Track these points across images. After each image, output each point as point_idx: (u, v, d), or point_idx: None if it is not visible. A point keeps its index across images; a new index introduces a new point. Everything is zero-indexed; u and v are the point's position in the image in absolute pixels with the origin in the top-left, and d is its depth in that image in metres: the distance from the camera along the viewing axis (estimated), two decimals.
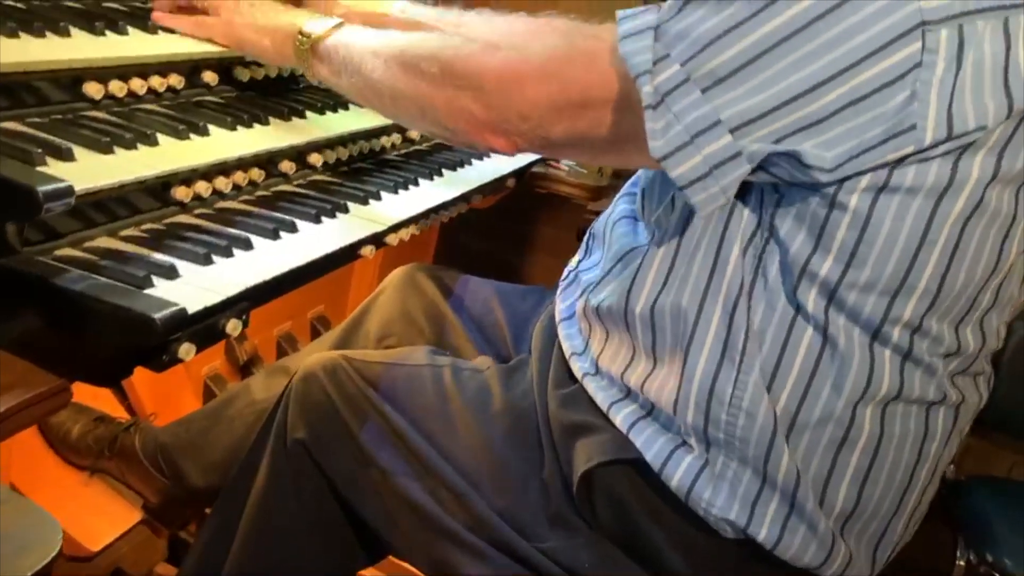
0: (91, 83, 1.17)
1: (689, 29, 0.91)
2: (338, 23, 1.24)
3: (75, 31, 1.19)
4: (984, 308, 1.03)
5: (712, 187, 0.94)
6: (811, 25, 0.87)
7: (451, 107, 1.07)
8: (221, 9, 1.32)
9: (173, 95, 1.32)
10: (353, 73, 1.18)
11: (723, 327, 1.03)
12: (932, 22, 0.86)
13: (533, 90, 1.01)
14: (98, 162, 1.06)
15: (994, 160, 0.93)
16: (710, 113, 0.91)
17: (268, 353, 2.12)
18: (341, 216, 1.32)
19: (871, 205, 0.94)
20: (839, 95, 0.88)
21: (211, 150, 1.21)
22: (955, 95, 0.88)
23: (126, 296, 0.94)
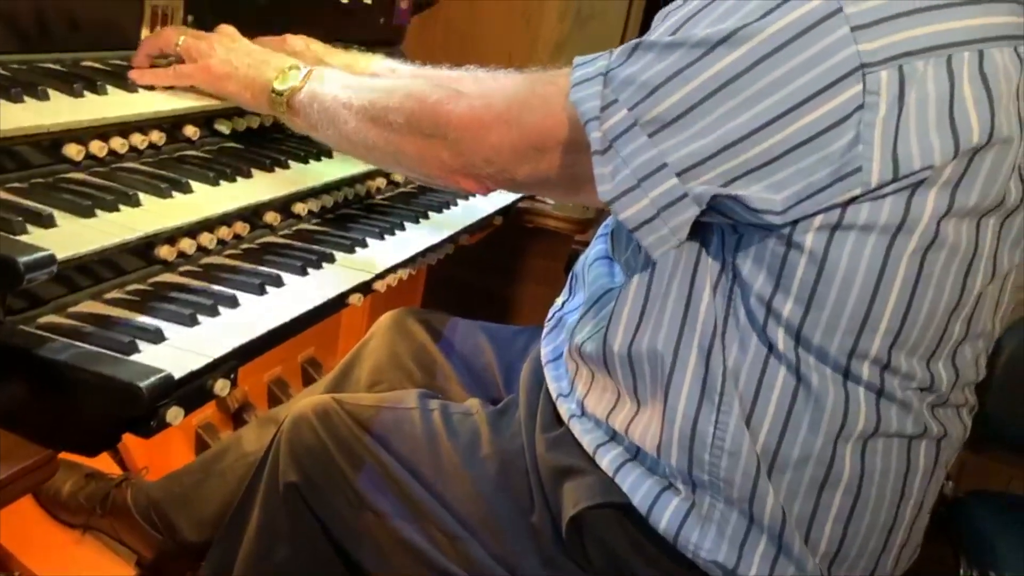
0: (71, 145, 1.17)
1: (636, 75, 0.93)
2: (308, 72, 1.26)
3: (54, 94, 1.18)
4: (955, 341, 1.02)
5: (661, 229, 0.95)
6: (751, 70, 0.89)
7: (422, 155, 1.12)
8: (198, 54, 1.33)
9: (155, 151, 1.31)
10: (328, 126, 1.22)
11: (700, 368, 1.03)
12: (872, 64, 0.87)
13: (495, 136, 1.06)
14: (80, 227, 1.05)
15: (948, 196, 0.93)
16: (656, 157, 0.92)
17: (259, 399, 2.11)
18: (327, 266, 1.31)
19: (827, 244, 0.94)
20: (783, 138, 0.89)
21: (194, 207, 1.20)
22: (899, 136, 0.89)
23: (111, 364, 0.93)
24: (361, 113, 1.17)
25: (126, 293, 1.12)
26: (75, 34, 1.33)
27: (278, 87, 1.26)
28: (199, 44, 1.33)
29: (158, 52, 1.36)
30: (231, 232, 1.27)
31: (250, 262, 1.26)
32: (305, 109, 1.24)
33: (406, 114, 1.12)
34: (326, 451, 1.27)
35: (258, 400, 2.10)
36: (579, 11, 2.12)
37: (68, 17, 1.29)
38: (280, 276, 1.22)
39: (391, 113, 1.14)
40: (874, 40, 0.87)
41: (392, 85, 1.19)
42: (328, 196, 1.48)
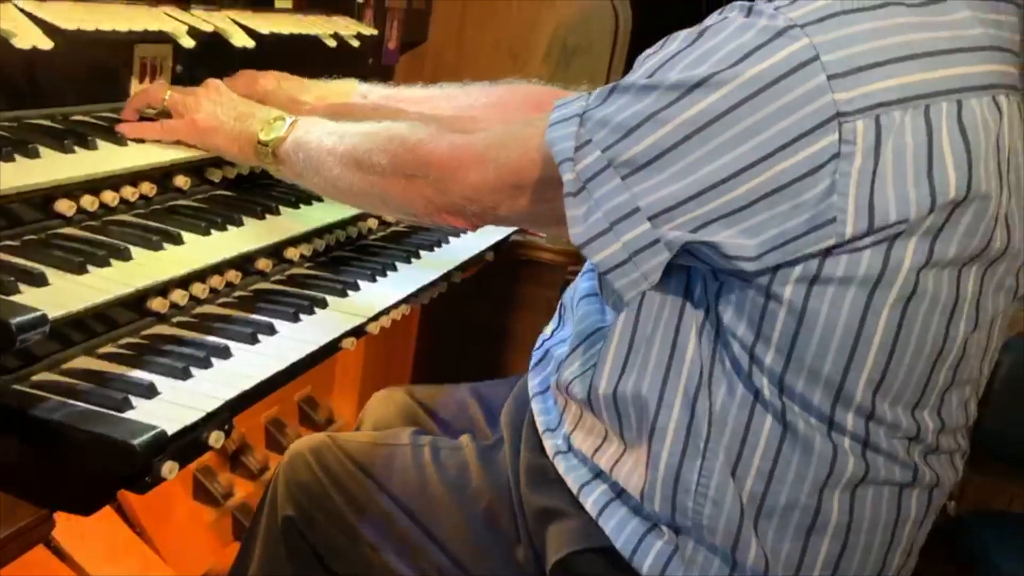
0: (62, 201, 1.18)
1: (611, 116, 0.94)
2: (292, 123, 1.28)
3: (44, 150, 1.20)
4: (941, 389, 1.02)
5: (633, 273, 0.95)
6: (727, 114, 0.89)
7: (407, 195, 1.14)
8: (183, 108, 1.35)
9: (146, 202, 1.33)
10: (313, 173, 1.24)
11: (685, 415, 1.03)
12: (848, 113, 0.87)
13: (474, 175, 1.08)
14: (72, 284, 1.06)
15: (927, 247, 0.92)
16: (629, 200, 0.93)
17: (257, 439, 2.11)
18: (320, 311, 1.32)
19: (806, 296, 0.94)
20: (756, 184, 0.89)
21: (186, 259, 1.21)
22: (875, 187, 0.88)
23: (105, 423, 0.93)
24: (345, 158, 1.19)
25: (119, 347, 1.12)
26: (65, 89, 1.35)
27: (264, 138, 1.28)
28: (186, 99, 1.35)
29: (146, 107, 1.38)
30: (223, 281, 1.28)
31: (243, 310, 1.27)
32: (291, 158, 1.26)
33: (389, 156, 1.15)
34: (321, 486, 1.30)
35: (256, 441, 2.10)
36: (565, 46, 2.15)
37: (58, 72, 1.31)
38: (272, 324, 1.23)
39: (375, 156, 1.16)
40: (851, 89, 0.87)
41: (374, 129, 1.20)
42: (320, 239, 1.49)
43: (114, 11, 1.31)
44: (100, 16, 1.27)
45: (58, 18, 1.19)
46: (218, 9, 1.52)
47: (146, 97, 1.37)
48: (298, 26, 1.67)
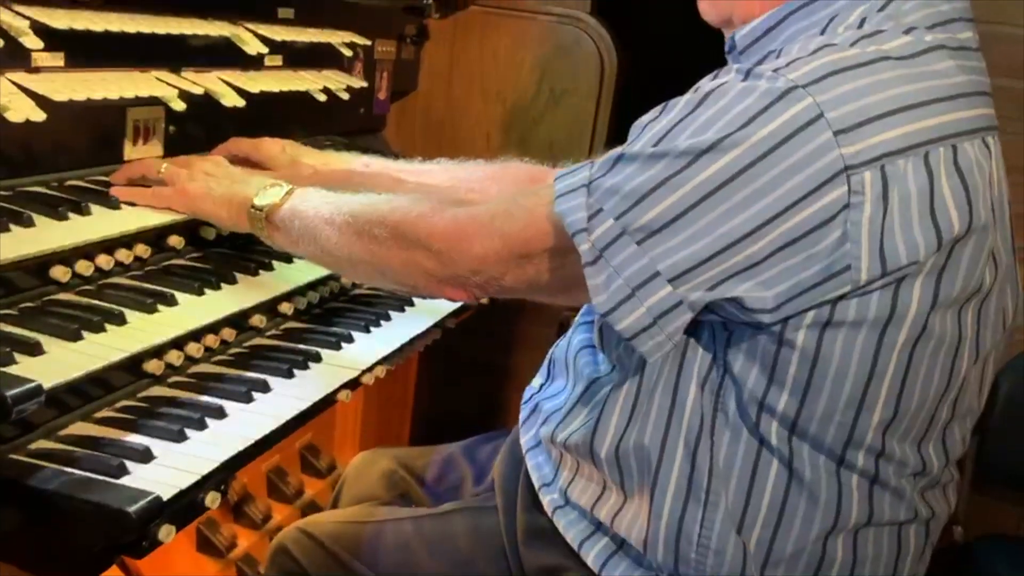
0: (57, 267, 1.20)
1: (620, 184, 0.96)
2: (289, 191, 1.28)
3: (38, 218, 1.22)
4: (943, 423, 1.05)
5: (658, 336, 0.97)
6: (738, 176, 0.91)
7: (407, 267, 1.13)
8: (176, 178, 1.36)
9: (141, 264, 1.34)
10: (310, 242, 1.23)
11: (687, 465, 1.04)
12: (854, 166, 0.90)
13: (479, 246, 1.07)
14: (67, 352, 1.07)
15: (932, 286, 0.95)
16: (648, 265, 0.94)
17: (259, 489, 2.11)
18: (314, 366, 1.34)
19: (818, 341, 0.96)
20: (772, 239, 0.92)
21: (180, 320, 1.23)
22: (885, 233, 0.92)
23: (101, 490, 0.95)
24: (344, 227, 1.18)
25: (115, 411, 1.14)
26: (60, 155, 1.37)
27: (258, 202, 1.27)
28: (180, 170, 1.37)
29: (139, 177, 1.39)
30: (218, 339, 1.30)
31: (237, 368, 1.29)
32: (286, 225, 1.25)
33: (390, 227, 1.13)
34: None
35: (258, 491, 2.10)
36: (552, 89, 2.18)
37: (52, 140, 1.33)
38: (267, 381, 1.24)
39: (375, 227, 1.15)
40: (856, 143, 0.90)
41: (374, 200, 1.20)
42: (313, 292, 1.51)
43: (105, 78, 1.33)
44: (92, 85, 1.29)
45: (50, 90, 1.21)
46: (209, 70, 1.55)
47: (141, 167, 1.39)
48: (288, 83, 1.70)
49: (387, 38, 2.10)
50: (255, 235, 1.32)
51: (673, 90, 1.04)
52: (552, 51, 2.16)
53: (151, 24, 1.38)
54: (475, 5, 2.21)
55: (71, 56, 1.28)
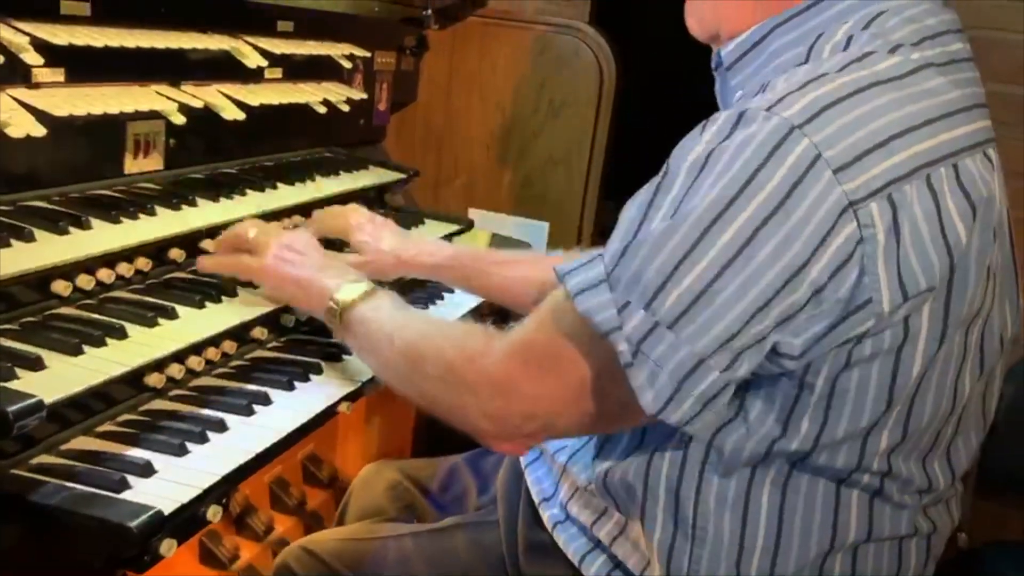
0: (59, 282, 1.20)
1: (640, 272, 0.93)
2: (366, 292, 1.26)
3: (40, 233, 1.22)
4: (948, 440, 1.04)
5: (708, 416, 0.95)
6: (753, 240, 0.89)
7: (455, 412, 1.09)
8: (264, 251, 1.36)
9: (142, 277, 1.35)
10: (369, 354, 1.24)
11: (671, 501, 1.03)
12: (858, 200, 0.89)
13: (529, 387, 1.01)
14: (68, 367, 1.08)
15: (943, 306, 0.95)
16: (689, 355, 0.91)
17: (261, 500, 2.11)
18: (315, 378, 1.34)
19: (836, 378, 0.96)
20: (801, 294, 0.90)
21: (182, 334, 1.23)
22: (901, 261, 0.91)
23: (102, 505, 0.95)
24: (401, 355, 1.16)
25: (117, 425, 1.14)
26: (61, 169, 1.37)
27: (338, 297, 1.26)
28: (268, 241, 1.36)
29: (235, 246, 1.40)
30: (219, 352, 1.30)
31: (238, 381, 1.29)
32: (354, 328, 1.25)
33: (442, 368, 1.09)
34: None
35: (260, 502, 2.09)
36: (552, 99, 2.18)
37: (53, 154, 1.34)
38: (267, 394, 1.24)
39: (428, 365, 1.11)
40: (856, 177, 0.89)
41: (433, 328, 1.18)
42: None
43: (105, 93, 1.34)
44: (92, 100, 1.30)
45: (50, 105, 1.22)
46: (208, 83, 1.56)
47: (232, 238, 1.40)
48: (288, 95, 1.70)
49: (387, 49, 2.11)
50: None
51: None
52: (551, 61, 2.17)
53: (151, 39, 1.39)
54: (474, 16, 2.22)
55: (71, 71, 1.29)
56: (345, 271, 1.34)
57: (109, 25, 1.35)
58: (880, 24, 0.98)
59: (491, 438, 1.07)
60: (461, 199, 2.32)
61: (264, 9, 1.70)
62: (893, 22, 0.98)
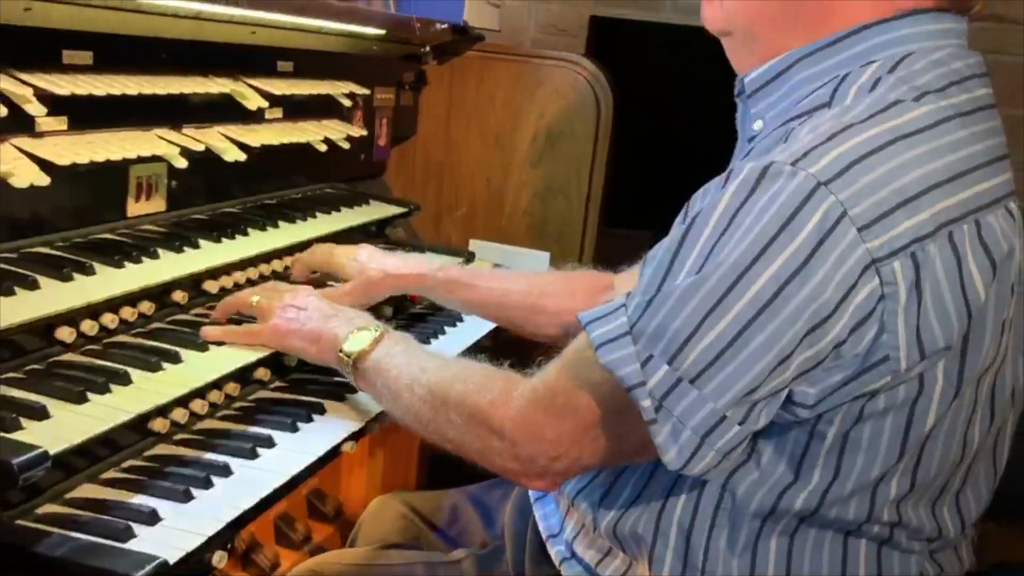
0: (63, 328, 1.21)
1: (664, 326, 0.94)
2: (375, 337, 1.27)
3: (44, 280, 1.23)
4: (955, 489, 1.05)
5: (724, 465, 0.97)
6: (776, 298, 0.90)
7: (484, 456, 1.11)
8: (268, 314, 1.37)
9: (145, 321, 1.36)
10: (390, 404, 1.25)
11: (681, 544, 1.04)
12: (881, 258, 0.90)
13: (552, 431, 1.04)
14: (73, 415, 1.08)
15: (958, 361, 0.95)
16: (711, 412, 0.92)
17: (266, 536, 2.10)
18: (318, 418, 1.34)
19: (848, 429, 0.97)
20: (820, 349, 0.91)
21: (185, 378, 1.24)
22: (921, 319, 0.91)
23: (107, 555, 0.95)
24: (423, 403, 1.18)
25: (121, 471, 1.15)
26: (63, 214, 1.39)
27: (347, 348, 1.28)
28: (272, 303, 1.37)
29: (235, 313, 1.41)
30: (222, 395, 1.30)
31: (242, 423, 1.29)
32: (370, 378, 1.26)
33: (466, 414, 1.12)
34: None
35: (265, 538, 2.09)
36: (550, 131, 2.20)
37: (55, 200, 1.35)
38: (271, 436, 1.25)
39: (451, 412, 1.13)
40: (880, 235, 0.90)
41: (450, 371, 1.19)
42: None
43: (108, 140, 1.36)
44: (95, 147, 1.32)
45: (53, 154, 1.23)
46: (210, 126, 1.58)
47: (236, 303, 1.41)
48: (289, 135, 1.72)
49: (386, 86, 2.13)
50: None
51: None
52: (548, 94, 2.19)
53: (152, 85, 1.41)
54: (472, 51, 2.24)
55: (74, 119, 1.31)
56: (352, 318, 1.34)
57: (111, 72, 1.37)
58: (907, 66, 0.98)
59: (521, 477, 1.09)
60: (462, 230, 2.33)
61: (264, 50, 1.72)
62: (920, 65, 0.99)
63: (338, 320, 1.33)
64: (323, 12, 1.77)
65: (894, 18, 1.01)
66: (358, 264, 1.57)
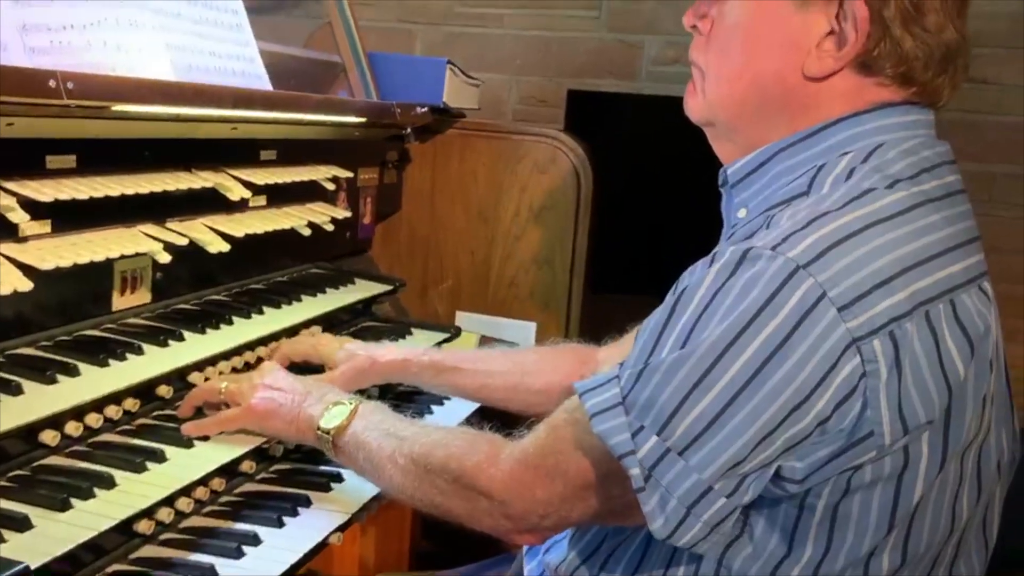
0: (47, 432, 1.21)
1: (654, 398, 0.97)
2: (352, 410, 1.30)
3: (28, 384, 1.23)
4: (948, 561, 1.07)
5: (715, 538, 0.99)
6: (760, 372, 0.94)
7: (472, 516, 1.14)
8: (239, 397, 1.38)
9: (130, 418, 1.36)
10: (374, 476, 1.27)
11: None
12: (861, 337, 0.93)
13: (541, 491, 1.08)
14: (56, 524, 1.08)
15: (941, 435, 0.98)
16: (698, 483, 0.95)
17: None
18: (304, 511, 1.34)
19: (838, 502, 0.99)
20: (803, 427, 0.94)
21: (170, 478, 1.24)
22: (903, 395, 0.94)
23: None
24: (407, 471, 1.20)
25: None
26: (47, 315, 1.39)
27: (324, 425, 1.30)
28: (241, 387, 1.39)
29: (203, 404, 1.41)
30: (208, 490, 1.30)
31: (228, 519, 1.29)
32: (351, 453, 1.28)
33: (451, 479, 1.15)
34: None
35: None
36: (532, 205, 2.23)
37: (39, 302, 1.36)
38: (257, 533, 1.24)
39: (436, 476, 1.16)
40: (859, 315, 0.93)
41: (431, 438, 1.21)
42: None
43: (91, 240, 1.37)
44: (78, 248, 1.33)
45: (36, 259, 1.24)
46: (193, 218, 1.60)
47: (202, 394, 1.41)
48: (273, 222, 1.74)
49: (369, 166, 2.17)
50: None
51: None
52: (529, 169, 2.22)
53: (136, 183, 1.43)
54: (453, 128, 2.29)
55: (57, 222, 1.32)
56: (325, 393, 1.36)
57: (95, 174, 1.39)
58: (880, 156, 1.03)
59: (513, 534, 1.13)
60: (448, 303, 2.34)
61: (247, 142, 1.75)
62: (892, 155, 1.03)
63: (312, 398, 1.35)
64: (303, 107, 1.81)
65: (866, 111, 1.06)
66: (345, 353, 1.59)
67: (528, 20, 2.99)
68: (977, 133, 2.53)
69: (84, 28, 1.38)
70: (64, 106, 1.21)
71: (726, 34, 1.11)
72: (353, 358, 1.58)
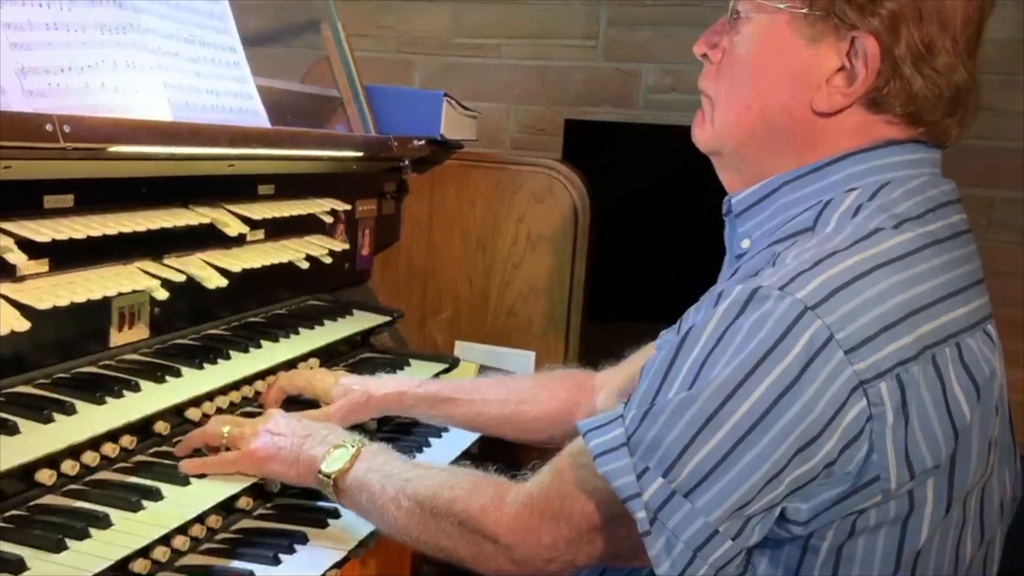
0: (43, 471, 1.22)
1: (659, 439, 0.97)
2: (354, 454, 1.29)
3: (24, 424, 1.24)
4: None
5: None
6: (767, 415, 0.94)
7: (477, 560, 1.14)
8: (240, 442, 1.38)
9: (127, 455, 1.36)
10: (378, 520, 1.27)
11: None
12: (868, 380, 0.93)
13: (547, 536, 1.08)
14: (51, 565, 1.08)
15: (947, 478, 0.98)
16: (704, 526, 0.95)
17: None
18: (300, 548, 1.33)
19: (841, 545, 0.99)
20: (808, 468, 0.94)
21: (166, 517, 1.24)
22: (909, 439, 0.95)
23: None
24: (411, 513, 1.20)
25: None
26: (45, 353, 1.40)
27: (325, 469, 1.30)
28: (243, 431, 1.39)
29: (203, 445, 1.41)
30: (204, 528, 1.30)
31: (224, 557, 1.28)
32: (353, 496, 1.28)
33: (456, 522, 1.15)
34: None
35: None
36: (529, 234, 2.24)
37: (37, 341, 1.36)
38: (252, 572, 1.24)
39: (441, 520, 1.16)
40: (867, 358, 0.93)
41: (435, 480, 1.21)
42: None
43: (88, 278, 1.38)
44: (75, 287, 1.34)
45: (33, 298, 1.25)
46: (191, 253, 1.60)
47: (204, 436, 1.41)
48: (270, 256, 1.75)
49: (367, 198, 2.18)
50: None
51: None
52: (526, 198, 2.24)
53: (133, 222, 1.43)
54: (450, 159, 2.30)
55: (55, 261, 1.33)
56: (325, 436, 1.36)
57: (92, 213, 1.40)
58: (886, 194, 1.03)
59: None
60: (447, 332, 2.35)
61: (244, 178, 1.76)
62: (897, 193, 1.04)
63: (313, 440, 1.35)
64: (300, 143, 1.83)
65: (873, 148, 1.06)
66: (341, 388, 1.60)
67: (526, 50, 3.02)
68: (977, 158, 2.54)
69: (82, 70, 1.40)
70: (61, 149, 1.22)
71: (737, 65, 1.11)
72: (349, 393, 1.59)
